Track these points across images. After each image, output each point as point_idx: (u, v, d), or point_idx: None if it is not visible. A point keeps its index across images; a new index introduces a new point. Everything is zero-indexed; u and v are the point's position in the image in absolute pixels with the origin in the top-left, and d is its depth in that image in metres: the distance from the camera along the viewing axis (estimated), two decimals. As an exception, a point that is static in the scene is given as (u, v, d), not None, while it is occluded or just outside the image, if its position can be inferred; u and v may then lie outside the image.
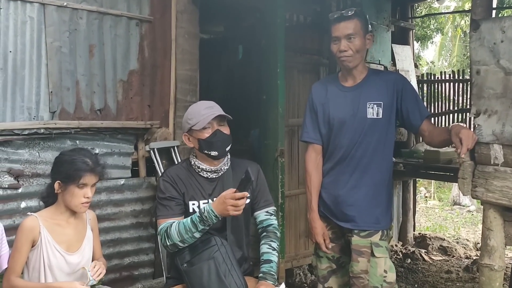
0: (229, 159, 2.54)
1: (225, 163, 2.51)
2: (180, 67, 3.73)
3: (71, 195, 2.21)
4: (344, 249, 2.69)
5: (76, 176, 2.18)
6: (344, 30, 2.51)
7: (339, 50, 2.54)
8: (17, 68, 3.00)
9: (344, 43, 2.51)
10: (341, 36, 2.52)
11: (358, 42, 2.52)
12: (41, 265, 2.19)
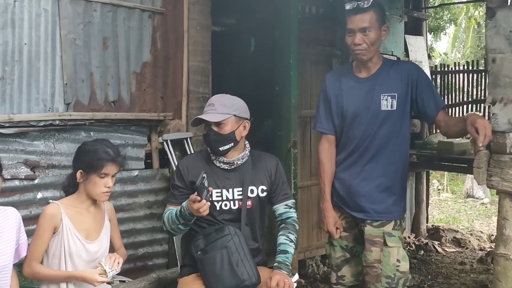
0: (248, 151, 2.54)
1: (240, 157, 2.51)
2: (192, 58, 3.74)
3: (92, 184, 2.24)
4: (358, 239, 2.70)
5: (98, 165, 2.22)
6: (359, 23, 2.47)
7: (353, 43, 2.51)
8: (32, 60, 3.04)
9: (359, 36, 2.48)
10: (356, 29, 2.48)
11: (373, 35, 2.49)
12: (61, 252, 2.23)
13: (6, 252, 2.08)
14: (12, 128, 2.96)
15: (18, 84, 2.99)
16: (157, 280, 3.27)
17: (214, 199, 2.49)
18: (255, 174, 2.52)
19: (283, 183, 2.62)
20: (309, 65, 4.64)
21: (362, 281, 2.70)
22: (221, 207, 2.51)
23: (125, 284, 3.20)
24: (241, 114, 2.46)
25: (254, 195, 2.52)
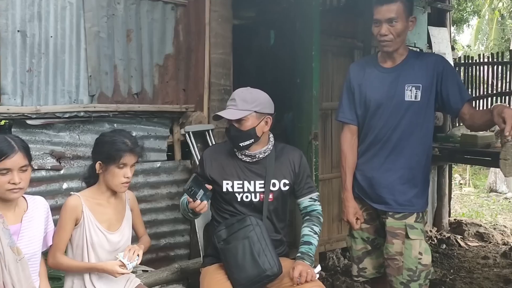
0: (271, 145, 2.55)
1: (262, 151, 2.51)
2: (213, 50, 3.76)
3: (111, 175, 2.27)
4: (379, 231, 2.68)
5: (116, 156, 2.23)
6: (386, 13, 2.44)
7: (379, 34, 2.49)
8: (58, 52, 3.09)
9: (385, 27, 2.46)
10: (383, 19, 2.46)
11: (400, 26, 2.46)
12: (84, 243, 2.26)
13: (35, 240, 2.13)
14: (39, 120, 3.02)
15: (44, 76, 3.05)
16: (180, 270, 3.30)
17: (235, 190, 2.51)
18: (278, 168, 2.52)
19: (307, 176, 2.61)
20: (331, 57, 4.62)
21: (384, 273, 2.69)
22: (242, 199, 2.52)
23: (147, 273, 3.23)
24: (262, 110, 2.44)
25: (276, 189, 2.51)
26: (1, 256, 1.97)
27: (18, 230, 2.07)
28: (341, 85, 4.57)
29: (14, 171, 1.98)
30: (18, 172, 1.99)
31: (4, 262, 1.98)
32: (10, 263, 2.00)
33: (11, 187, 1.98)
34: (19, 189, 2.01)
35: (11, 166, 1.97)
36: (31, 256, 2.10)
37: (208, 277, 2.45)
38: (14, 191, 2.00)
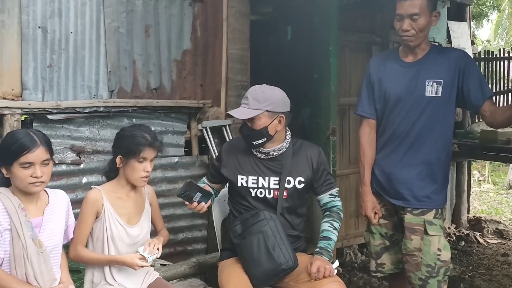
0: (287, 142, 2.55)
1: (277, 148, 2.51)
2: (231, 46, 3.76)
3: (131, 169, 2.29)
4: (397, 226, 2.67)
5: (136, 150, 2.25)
6: (408, 9, 2.41)
7: (401, 29, 2.46)
8: (78, 48, 3.13)
9: (407, 23, 2.43)
10: (405, 14, 2.42)
11: (422, 21, 2.43)
12: (104, 236, 2.29)
13: (56, 233, 2.16)
14: (59, 115, 3.06)
15: (64, 71, 3.09)
16: (197, 264, 3.32)
17: (249, 185, 2.52)
18: (294, 165, 2.52)
19: (327, 173, 2.60)
20: (348, 52, 4.59)
21: (402, 269, 2.68)
22: (256, 194, 2.53)
23: (166, 267, 3.26)
24: (275, 109, 2.42)
25: (291, 186, 2.51)
26: (23, 249, 2.01)
27: (40, 223, 2.11)
28: (358, 81, 4.59)
29: (36, 165, 2.01)
30: (40, 166, 2.02)
31: (26, 254, 2.02)
32: (32, 255, 2.03)
33: (33, 181, 2.01)
34: (41, 182, 2.04)
35: (33, 160, 2.00)
36: (53, 248, 2.13)
37: (226, 270, 2.47)
38: (36, 184, 2.03)
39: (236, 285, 2.30)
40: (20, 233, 2.00)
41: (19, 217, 2.02)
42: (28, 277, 2.04)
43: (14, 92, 2.94)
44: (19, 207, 2.03)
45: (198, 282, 2.93)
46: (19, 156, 1.98)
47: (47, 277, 2.09)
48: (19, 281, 2.02)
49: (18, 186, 2.04)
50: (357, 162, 4.55)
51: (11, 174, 2.02)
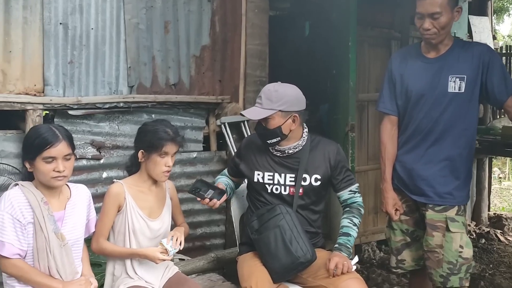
0: (303, 140, 2.54)
1: (293, 146, 2.50)
2: (250, 41, 3.76)
3: (153, 163, 2.31)
4: (419, 223, 2.65)
5: (158, 145, 2.27)
6: (429, 8, 2.37)
7: (422, 28, 2.43)
8: (98, 44, 3.15)
9: (428, 22, 2.39)
10: (426, 13, 2.39)
11: (444, 19, 2.39)
12: (126, 229, 2.32)
13: (78, 227, 2.19)
14: (80, 110, 3.10)
15: (85, 67, 3.12)
16: (216, 259, 3.34)
17: (265, 181, 2.53)
18: (311, 162, 2.51)
19: (346, 169, 2.58)
20: (367, 47, 4.55)
21: (423, 266, 2.66)
22: (272, 191, 2.53)
23: (184, 262, 3.29)
24: (288, 108, 2.41)
25: (307, 184, 2.50)
26: (46, 242, 2.04)
27: (62, 217, 2.14)
28: (377, 76, 4.55)
29: (58, 160, 2.04)
30: (62, 161, 2.05)
31: (49, 247, 2.05)
32: (55, 248, 2.06)
33: (55, 175, 2.04)
34: (63, 177, 2.06)
35: (55, 154, 2.03)
36: (74, 242, 2.16)
37: (246, 264, 2.48)
38: (59, 178, 2.06)
39: (258, 280, 2.31)
40: (43, 227, 2.03)
41: (42, 211, 2.05)
42: (50, 270, 2.07)
43: (36, 87, 2.98)
44: (42, 201, 2.06)
45: (217, 276, 2.94)
46: (41, 151, 2.01)
47: (69, 270, 2.12)
48: (42, 273, 2.05)
49: (41, 180, 2.07)
50: (376, 159, 4.57)
51: (34, 168, 2.05)
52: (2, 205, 2.01)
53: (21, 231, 2.01)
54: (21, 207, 2.02)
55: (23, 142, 2.13)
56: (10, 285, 2.05)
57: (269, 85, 2.51)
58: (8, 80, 2.89)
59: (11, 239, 1.98)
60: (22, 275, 2.01)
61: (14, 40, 2.88)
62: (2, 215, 1.99)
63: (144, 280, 2.33)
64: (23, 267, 2.02)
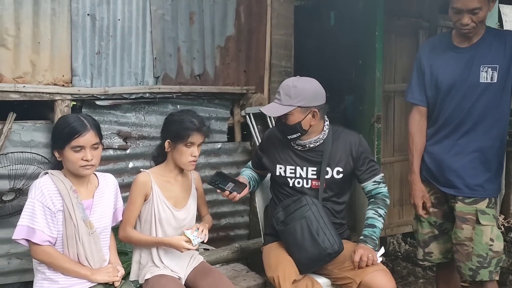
0: (325, 134, 2.51)
1: (313, 140, 2.49)
2: (275, 31, 3.74)
3: (180, 153, 2.32)
4: (447, 215, 2.60)
5: (184, 135, 2.29)
6: (469, 3, 2.30)
7: (460, 23, 2.36)
8: (125, 35, 3.17)
9: (467, 17, 2.32)
10: (464, 9, 2.32)
11: (483, 13, 2.33)
12: (152, 218, 2.34)
13: (106, 215, 2.23)
14: (107, 100, 3.13)
15: (112, 58, 3.14)
16: (240, 249, 3.35)
17: (287, 175, 2.53)
18: (333, 154, 2.49)
19: (369, 160, 2.55)
20: (394, 37, 4.46)
21: (450, 259, 2.62)
22: (294, 184, 2.52)
23: (209, 252, 3.31)
24: (308, 104, 2.39)
25: (328, 177, 2.49)
26: (75, 229, 2.08)
27: (90, 205, 2.18)
28: (404, 67, 4.48)
29: (86, 149, 2.07)
30: (90, 150, 2.08)
31: (78, 235, 2.09)
32: (83, 236, 2.10)
33: (83, 164, 2.07)
34: (91, 166, 2.10)
35: (84, 143, 2.06)
36: (102, 230, 2.20)
37: (272, 253, 2.48)
38: (87, 167, 2.09)
39: (285, 270, 2.31)
40: (72, 214, 2.07)
41: (71, 199, 2.09)
42: (79, 257, 2.11)
43: (64, 78, 3.02)
44: (71, 189, 2.10)
45: (241, 267, 2.96)
46: (70, 140, 2.04)
47: (97, 258, 2.16)
48: (71, 260, 2.09)
49: (69, 169, 2.10)
50: (402, 150, 4.51)
51: (63, 157, 2.09)
52: (33, 193, 2.05)
53: (51, 218, 2.05)
54: (51, 195, 2.06)
55: (52, 132, 2.17)
56: (41, 271, 2.10)
57: (287, 80, 2.48)
58: (37, 71, 2.93)
59: (42, 226, 2.03)
60: (52, 261, 2.06)
61: (43, 32, 2.92)
62: (33, 203, 2.04)
63: (170, 269, 2.36)
64: (53, 253, 2.06)
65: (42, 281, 2.10)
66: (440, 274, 2.83)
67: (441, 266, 2.75)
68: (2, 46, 2.81)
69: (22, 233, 2.03)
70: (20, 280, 3.01)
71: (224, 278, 2.41)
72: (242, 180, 2.56)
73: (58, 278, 2.08)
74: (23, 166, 2.86)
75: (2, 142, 2.84)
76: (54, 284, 2.08)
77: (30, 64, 2.91)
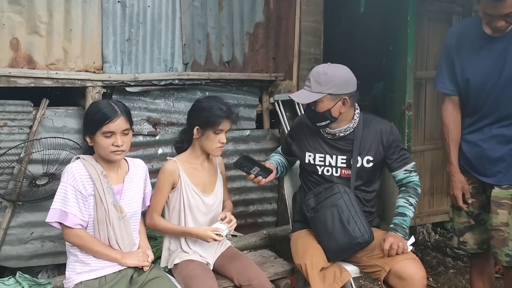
0: (355, 123, 2.47)
1: (343, 129, 2.45)
2: (304, 18, 3.70)
3: (208, 140, 2.33)
4: (485, 206, 2.51)
5: (214, 122, 2.29)
6: (502, 10, 2.17)
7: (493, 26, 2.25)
8: (155, 22, 3.19)
9: (501, 21, 2.21)
10: (498, 15, 2.20)
11: None
12: (181, 206, 2.36)
13: (135, 200, 2.25)
14: (137, 87, 3.15)
15: (142, 45, 3.16)
16: (268, 236, 3.36)
17: (316, 163, 2.51)
18: (363, 143, 2.46)
19: (400, 149, 2.50)
20: (426, 22, 4.35)
21: (486, 250, 2.55)
22: (323, 172, 2.50)
23: (237, 238, 3.33)
24: (338, 91, 2.35)
25: (358, 165, 2.46)
26: (106, 213, 2.11)
27: (120, 190, 2.20)
28: (437, 53, 4.37)
29: (117, 134, 2.09)
30: (121, 135, 2.10)
31: (108, 219, 2.12)
32: (114, 220, 2.14)
33: (114, 149, 2.10)
34: (121, 151, 2.12)
35: (114, 129, 2.08)
36: (132, 214, 2.23)
37: (300, 240, 2.48)
38: (117, 153, 2.11)
39: (313, 257, 2.31)
40: (103, 199, 2.11)
41: (102, 184, 2.12)
42: (110, 241, 2.15)
43: (95, 65, 3.05)
44: (102, 174, 2.13)
45: (269, 253, 2.96)
46: (101, 126, 2.07)
47: (127, 241, 2.20)
48: (103, 244, 2.13)
49: (100, 154, 2.13)
50: (433, 139, 4.43)
51: (94, 142, 2.12)
52: (65, 178, 2.09)
53: (83, 202, 2.09)
54: (83, 180, 2.10)
55: (84, 117, 2.20)
56: (73, 254, 2.14)
57: (318, 66, 2.45)
58: (69, 57, 2.97)
59: (74, 210, 2.07)
60: (84, 244, 2.10)
61: (74, 19, 2.95)
62: (66, 187, 2.08)
63: (199, 255, 2.38)
64: (85, 237, 2.10)
65: (74, 263, 2.14)
66: (474, 265, 2.74)
67: (475, 256, 2.67)
68: (35, 33, 2.86)
69: (55, 216, 2.07)
70: (53, 262, 3.09)
71: (252, 263, 2.43)
72: (269, 165, 2.55)
73: (89, 260, 2.13)
74: (55, 151, 2.92)
75: (35, 127, 2.90)
76: (86, 266, 2.13)
77: (62, 51, 2.95)
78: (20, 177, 2.88)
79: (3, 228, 2.92)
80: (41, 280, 2.51)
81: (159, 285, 2.15)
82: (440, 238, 4.48)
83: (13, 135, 2.88)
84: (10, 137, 2.87)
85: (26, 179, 2.90)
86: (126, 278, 2.15)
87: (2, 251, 2.94)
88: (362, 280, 3.60)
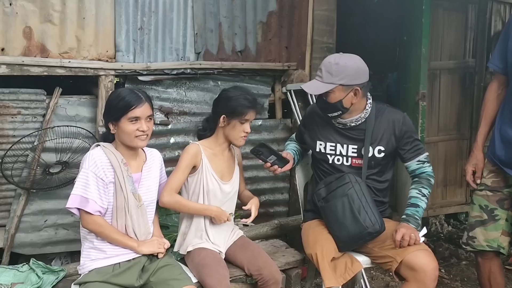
0: (367, 113, 2.45)
1: (355, 119, 2.43)
2: (317, 7, 3.66)
3: (233, 129, 2.36)
4: (502, 202, 2.44)
5: (241, 112, 2.32)
6: None
7: None
8: (166, 11, 3.18)
9: None
10: None
11: None
12: (200, 190, 2.37)
13: (152, 189, 2.27)
14: (149, 76, 3.16)
15: (154, 34, 3.16)
16: (279, 226, 3.36)
17: (327, 152, 2.50)
18: (375, 133, 2.44)
19: (413, 139, 2.47)
20: (442, 12, 4.30)
21: (496, 249, 2.46)
22: (334, 161, 2.49)
23: (248, 228, 3.33)
24: (350, 82, 2.33)
25: (370, 155, 2.44)
26: (125, 201, 2.13)
27: (139, 179, 2.22)
28: (452, 43, 4.32)
29: (142, 120, 2.12)
30: (145, 121, 2.13)
31: (127, 207, 2.14)
32: (132, 208, 2.15)
33: (139, 134, 2.12)
34: (146, 135, 2.15)
35: (140, 114, 2.11)
36: (149, 203, 2.25)
37: (311, 231, 2.48)
38: (141, 138, 2.14)
39: (323, 247, 2.31)
40: (122, 186, 2.12)
41: (122, 171, 2.13)
42: (127, 229, 2.17)
43: (108, 54, 3.06)
44: (122, 161, 2.15)
45: (280, 243, 2.96)
46: (127, 111, 2.09)
47: (143, 230, 2.22)
48: (119, 231, 2.15)
49: (124, 140, 2.14)
50: (447, 130, 4.39)
51: (118, 129, 2.13)
52: (86, 164, 2.10)
53: (103, 189, 2.10)
54: (104, 167, 2.11)
55: (106, 105, 2.20)
56: (89, 240, 2.16)
57: (329, 57, 2.42)
58: (82, 46, 2.98)
59: (95, 196, 2.08)
60: (101, 231, 2.12)
61: (88, 7, 2.96)
62: (87, 174, 2.09)
63: (212, 243, 2.39)
64: (103, 224, 2.12)
65: (90, 249, 2.16)
66: (480, 263, 2.58)
67: (482, 254, 2.54)
68: (49, 21, 2.87)
69: (75, 202, 2.07)
70: (67, 250, 3.13)
71: (262, 252, 2.44)
72: (285, 155, 2.54)
73: (105, 247, 2.14)
74: (68, 140, 2.94)
75: (49, 116, 2.93)
76: (101, 253, 2.14)
77: (75, 39, 2.96)
78: (34, 165, 2.91)
79: (17, 215, 2.96)
80: (55, 267, 2.54)
81: (169, 272, 2.17)
82: (453, 229, 4.46)
83: (26, 123, 2.90)
84: (24, 125, 2.90)
85: (39, 167, 2.93)
86: (139, 266, 2.17)
87: (17, 238, 2.98)
88: (373, 271, 3.59)
